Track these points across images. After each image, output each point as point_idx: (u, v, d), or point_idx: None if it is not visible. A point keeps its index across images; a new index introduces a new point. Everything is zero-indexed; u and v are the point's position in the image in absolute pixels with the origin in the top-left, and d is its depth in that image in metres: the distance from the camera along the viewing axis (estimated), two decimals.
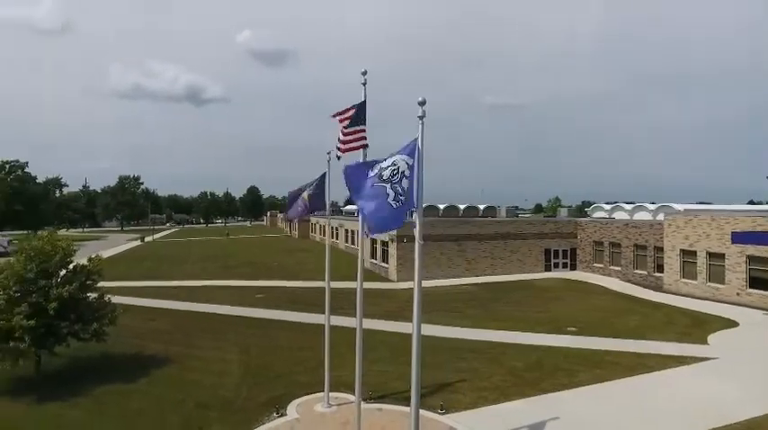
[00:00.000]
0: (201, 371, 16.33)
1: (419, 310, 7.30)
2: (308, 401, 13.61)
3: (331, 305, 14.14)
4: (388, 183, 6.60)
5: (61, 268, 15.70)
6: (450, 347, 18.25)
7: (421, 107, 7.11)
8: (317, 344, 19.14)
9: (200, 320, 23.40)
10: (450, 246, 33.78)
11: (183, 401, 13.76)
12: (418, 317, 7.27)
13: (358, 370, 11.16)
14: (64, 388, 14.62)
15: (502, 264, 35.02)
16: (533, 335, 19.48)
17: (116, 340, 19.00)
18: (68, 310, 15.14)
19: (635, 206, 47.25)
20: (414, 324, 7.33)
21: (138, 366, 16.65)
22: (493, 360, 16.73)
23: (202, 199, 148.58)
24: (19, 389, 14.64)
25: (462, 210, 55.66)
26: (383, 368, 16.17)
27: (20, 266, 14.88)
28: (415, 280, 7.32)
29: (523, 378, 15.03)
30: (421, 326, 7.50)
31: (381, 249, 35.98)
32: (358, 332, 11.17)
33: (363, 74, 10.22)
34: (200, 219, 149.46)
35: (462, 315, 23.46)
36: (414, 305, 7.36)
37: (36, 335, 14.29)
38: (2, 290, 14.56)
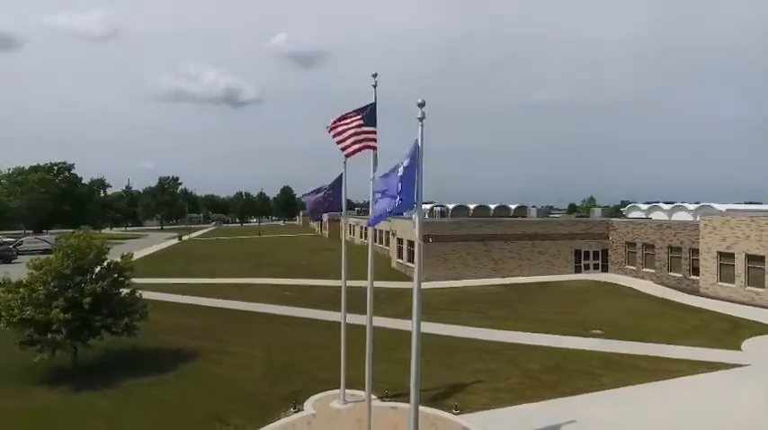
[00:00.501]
0: (226, 366, 16.88)
1: (419, 309, 7.39)
2: (325, 397, 13.87)
3: (353, 304, 14.35)
4: (386, 177, 6.77)
5: (96, 265, 16.53)
6: (470, 348, 18.19)
7: (420, 109, 7.21)
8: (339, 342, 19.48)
9: (229, 317, 24.14)
10: (476, 247, 33.52)
11: (207, 394, 14.29)
12: (417, 315, 7.36)
13: (368, 368, 11.32)
14: (97, 378, 15.39)
15: (529, 265, 34.48)
16: (556, 337, 19.17)
17: (148, 335, 19.86)
18: (102, 305, 15.94)
19: (674, 206, 45.62)
20: (413, 322, 7.43)
21: (167, 360, 17.33)
22: (511, 361, 16.58)
23: (238, 199, 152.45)
24: (57, 378, 15.50)
25: (493, 210, 55.10)
26: (401, 367, 16.25)
27: (58, 263, 15.77)
28: (415, 279, 7.43)
29: (541, 380, 14.85)
30: (420, 324, 7.55)
31: (407, 249, 36.06)
32: (368, 330, 11.35)
33: (374, 76, 10.39)
34: (236, 218, 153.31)
35: (485, 315, 23.30)
36: (413, 304, 7.47)
37: (72, 328, 15.13)
38: (42, 285, 15.46)
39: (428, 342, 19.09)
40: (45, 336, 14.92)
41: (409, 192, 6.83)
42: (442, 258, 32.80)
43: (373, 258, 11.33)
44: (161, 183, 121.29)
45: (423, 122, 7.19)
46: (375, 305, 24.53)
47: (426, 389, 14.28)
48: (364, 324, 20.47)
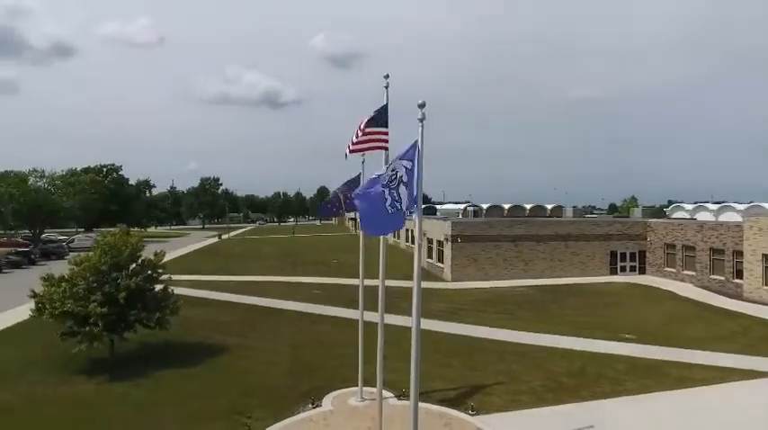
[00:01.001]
0: (253, 361, 17.41)
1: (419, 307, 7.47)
2: (344, 394, 14.10)
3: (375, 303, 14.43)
4: (386, 187, 6.84)
5: (131, 262, 17.40)
6: (493, 349, 18.04)
7: (420, 110, 7.30)
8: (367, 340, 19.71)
9: (259, 313, 24.84)
10: (506, 247, 33.08)
11: (231, 387, 14.80)
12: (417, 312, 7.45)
13: (379, 366, 11.46)
14: (131, 370, 16.22)
15: (562, 266, 33.71)
16: (583, 341, 18.73)
17: (182, 329, 20.71)
18: (136, 300, 16.78)
19: (721, 206, 43.41)
20: (413, 318, 7.52)
21: (197, 354, 18.04)
22: (535, 364, 16.34)
23: (276, 199, 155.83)
24: (95, 369, 16.41)
25: (528, 210, 54.14)
26: (424, 367, 16.14)
27: (96, 259, 16.72)
28: (414, 278, 7.52)
29: (563, 384, 14.58)
30: (420, 323, 7.64)
31: (437, 249, 35.99)
32: (380, 328, 11.50)
33: (386, 77, 10.52)
34: (274, 218, 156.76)
35: (512, 317, 23.01)
36: (413, 302, 7.56)
37: (108, 322, 16.00)
38: (82, 280, 16.43)
39: (451, 342, 19.17)
40: (83, 329, 15.84)
41: (410, 198, 6.93)
42: (472, 258, 32.56)
43: (385, 256, 11.45)
44: (203, 184, 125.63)
45: (423, 123, 7.26)
46: (397, 305, 24.92)
47: (445, 389, 14.36)
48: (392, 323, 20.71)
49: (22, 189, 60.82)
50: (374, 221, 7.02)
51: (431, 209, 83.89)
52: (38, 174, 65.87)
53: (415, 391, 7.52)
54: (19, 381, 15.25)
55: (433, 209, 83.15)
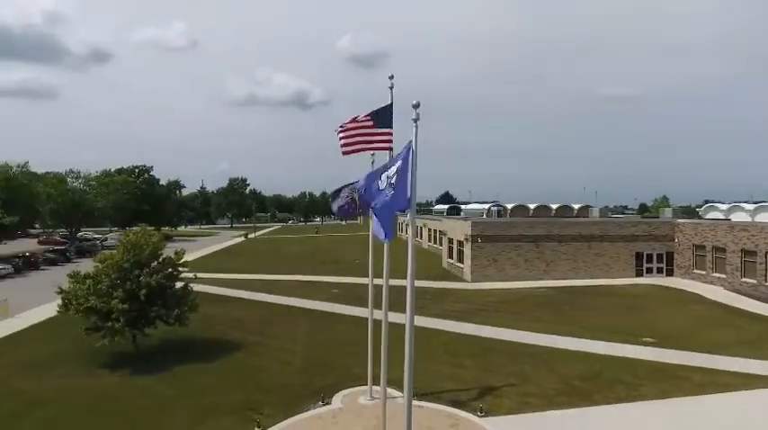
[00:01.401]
0: (267, 358, 17.75)
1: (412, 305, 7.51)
2: (354, 393, 14.23)
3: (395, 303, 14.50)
4: (390, 188, 6.98)
5: (152, 260, 17.95)
6: (509, 350, 17.86)
7: (415, 110, 7.34)
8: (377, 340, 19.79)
9: (278, 311, 25.25)
10: (527, 247, 32.60)
11: (246, 383, 15.13)
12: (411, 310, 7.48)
13: (383, 366, 11.52)
14: (153, 364, 16.74)
15: (585, 268, 33.00)
16: (601, 344, 18.34)
17: (202, 326, 21.27)
18: (156, 297, 17.33)
19: (757, 206, 41.69)
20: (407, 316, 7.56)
21: (216, 350, 18.49)
22: (549, 366, 16.11)
23: (302, 198, 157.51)
24: (118, 362, 17.04)
25: (555, 210, 53.23)
26: (437, 367, 16.34)
27: (119, 257, 17.34)
28: (408, 276, 7.56)
29: (576, 387, 14.34)
30: (413, 321, 7.67)
31: (458, 249, 35.77)
32: (384, 328, 11.56)
33: (390, 78, 10.59)
34: (300, 217, 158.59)
35: (531, 318, 22.69)
36: (406, 301, 7.60)
37: (129, 317, 16.59)
38: (105, 277, 17.08)
39: (466, 343, 19.07)
40: (106, 324, 16.47)
41: (403, 194, 6.99)
42: (492, 259, 32.23)
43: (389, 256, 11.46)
44: (231, 184, 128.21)
45: (417, 124, 7.31)
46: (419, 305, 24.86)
47: (456, 389, 14.32)
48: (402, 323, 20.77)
49: (60, 189, 63.34)
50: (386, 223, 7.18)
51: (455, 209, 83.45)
52: (74, 175, 68.51)
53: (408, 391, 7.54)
54: (49, 374, 15.97)
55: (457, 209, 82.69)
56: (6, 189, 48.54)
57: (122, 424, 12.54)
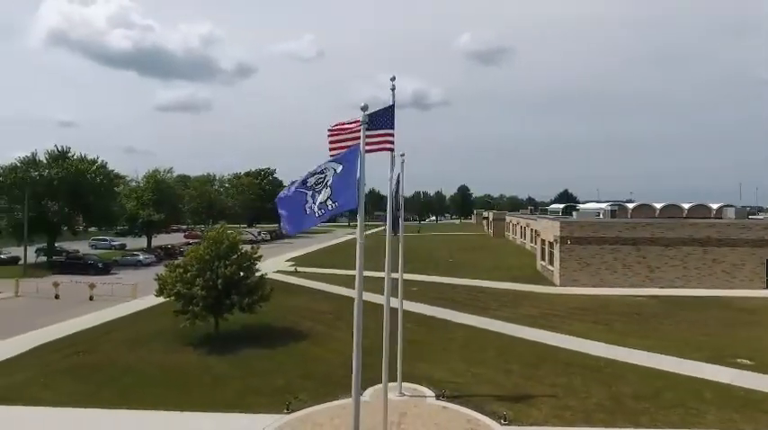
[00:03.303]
0: (325, 349, 18.82)
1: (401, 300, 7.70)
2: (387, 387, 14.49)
3: (478, 304, 14.72)
4: (310, 190, 7.26)
5: (230, 254, 20.09)
6: (565, 360, 16.69)
7: (362, 112, 7.52)
8: (435, 338, 19.84)
9: (351, 305, 26.34)
10: (627, 251, 29.55)
11: (295, 369, 16.32)
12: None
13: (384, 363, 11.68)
14: (226, 347, 18.76)
15: (699, 276, 28.88)
16: (680, 361, 16.21)
17: (281, 315, 23.25)
18: (231, 286, 19.42)
19: None
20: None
21: (283, 337, 20.07)
22: (603, 381, 14.75)
23: (416, 198, 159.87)
24: (202, 343, 19.38)
25: (687, 210, 47.21)
26: (480, 370, 15.98)
27: (202, 250, 19.77)
28: (356, 281, 7.75)
29: (625, 406, 12.97)
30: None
31: (548, 251, 33.74)
32: (385, 324, 11.71)
33: (392, 79, 10.75)
34: (415, 216, 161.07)
35: (608, 328, 20.77)
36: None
37: (207, 304, 18.85)
38: (191, 267, 19.59)
39: (522, 348, 18.20)
40: (189, 308, 18.91)
41: (343, 194, 7.22)
42: (584, 262, 29.85)
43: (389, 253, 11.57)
44: None
45: (363, 127, 7.48)
46: (487, 306, 24.08)
47: (490, 394, 13.91)
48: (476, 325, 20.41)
49: (200, 191, 72.94)
50: (293, 221, 7.48)
51: (570, 208, 77.85)
52: (211, 178, 78.32)
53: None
54: (145, 348, 18.85)
55: (571, 208, 77.07)
56: (156, 191, 57.29)
57: (181, 393, 14.41)
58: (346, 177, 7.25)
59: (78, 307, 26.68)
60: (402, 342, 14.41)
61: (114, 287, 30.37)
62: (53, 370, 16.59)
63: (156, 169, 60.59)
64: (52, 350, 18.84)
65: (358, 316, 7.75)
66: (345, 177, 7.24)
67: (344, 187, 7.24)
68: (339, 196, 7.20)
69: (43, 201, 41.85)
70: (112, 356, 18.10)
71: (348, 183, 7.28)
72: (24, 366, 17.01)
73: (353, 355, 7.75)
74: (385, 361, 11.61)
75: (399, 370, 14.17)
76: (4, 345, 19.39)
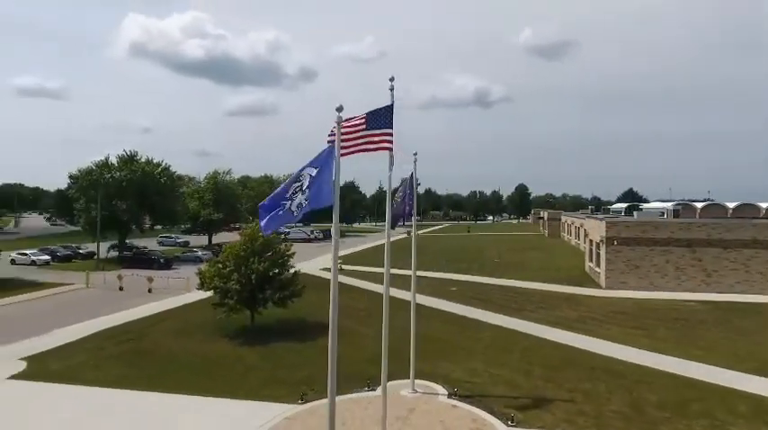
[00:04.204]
0: (350, 345, 19.15)
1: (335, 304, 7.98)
2: (401, 384, 14.72)
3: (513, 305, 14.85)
4: (288, 200, 7.65)
5: (265, 251, 21.03)
6: (590, 365, 16.11)
7: (338, 113, 7.82)
8: (461, 338, 19.74)
9: None
10: (680, 253, 27.69)
11: (318, 363, 16.80)
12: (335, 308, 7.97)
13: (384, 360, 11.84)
14: (259, 339, 19.70)
15: (763, 281, 26.51)
16: (718, 371, 15.19)
17: (317, 311, 23.92)
18: (265, 282, 20.38)
19: None
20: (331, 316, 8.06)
21: (314, 332, 20.69)
22: (628, 388, 14.12)
23: (472, 197, 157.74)
24: (238, 334, 20.47)
25: (765, 210, 43.68)
26: (499, 371, 15.80)
27: (238, 247, 20.88)
28: (332, 279, 8.03)
29: (646, 414, 12.39)
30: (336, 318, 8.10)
31: (595, 252, 32.30)
32: (384, 325, 11.91)
33: (391, 80, 10.95)
34: (471, 215, 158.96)
35: (648, 334, 19.73)
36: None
37: (241, 297, 19.91)
38: (228, 262, 20.75)
39: (549, 351, 17.76)
40: (224, 301, 20.06)
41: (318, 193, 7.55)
42: (632, 264, 28.33)
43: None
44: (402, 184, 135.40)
45: (339, 125, 7.78)
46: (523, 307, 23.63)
47: (504, 396, 13.78)
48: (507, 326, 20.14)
49: (257, 191, 76.17)
50: (270, 224, 7.88)
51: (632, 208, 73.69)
52: (269, 179, 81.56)
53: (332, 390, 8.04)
54: (185, 337, 20.19)
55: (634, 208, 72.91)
56: (215, 191, 60.60)
57: (210, 380, 15.35)
58: (321, 176, 7.58)
59: (138, 298, 28.91)
60: (415, 340, 14.54)
61: (170, 281, 32.55)
62: (105, 354, 18.22)
63: (215, 171, 64.04)
64: (107, 337, 20.64)
65: (333, 312, 8.08)
66: (321, 176, 7.57)
67: (319, 186, 7.58)
68: (313, 194, 7.54)
69: (113, 201, 45.52)
70: (158, 344, 19.55)
71: (323, 182, 7.61)
72: (81, 350, 18.78)
73: (329, 355, 8.09)
74: (384, 359, 11.82)
75: (412, 367, 14.34)
76: (68, 331, 21.47)
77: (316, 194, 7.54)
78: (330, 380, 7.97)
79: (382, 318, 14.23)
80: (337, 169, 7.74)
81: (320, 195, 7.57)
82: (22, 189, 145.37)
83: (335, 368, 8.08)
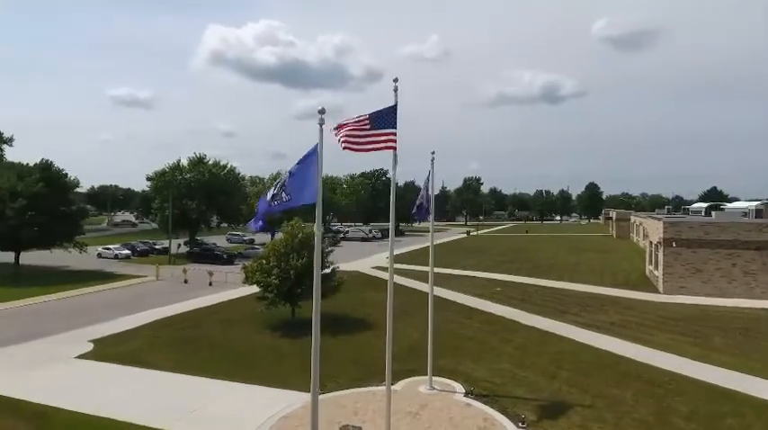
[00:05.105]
0: (382, 340, 19.58)
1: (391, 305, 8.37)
2: (418, 381, 14.93)
3: (559, 308, 14.94)
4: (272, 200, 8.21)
5: (303, 248, 21.96)
6: (624, 371, 15.43)
7: (320, 115, 8.23)
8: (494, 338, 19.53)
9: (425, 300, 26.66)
10: (748, 257, 25.36)
11: (348, 356, 17.44)
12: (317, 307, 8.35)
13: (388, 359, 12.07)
14: (297, 332, 20.53)
15: None
16: (760, 384, 13.89)
17: (358, 307, 24.73)
18: (302, 277, 21.29)
19: None
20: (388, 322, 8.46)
21: (352, 327, 21.36)
22: (658, 396, 13.39)
23: (538, 197, 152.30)
24: (279, 327, 21.53)
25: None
26: (524, 373, 15.54)
27: (279, 244, 21.99)
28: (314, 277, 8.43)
29: (670, 425, 11.76)
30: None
31: (654, 254, 30.32)
32: (388, 324, 12.11)
33: (395, 81, 11.20)
34: (535, 216, 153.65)
35: (698, 342, 18.45)
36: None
37: (280, 292, 20.96)
38: (270, 258, 21.90)
39: (582, 356, 17.22)
40: (265, 294, 21.22)
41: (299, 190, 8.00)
42: (694, 268, 26.32)
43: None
44: (465, 183, 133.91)
45: (322, 127, 8.19)
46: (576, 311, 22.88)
47: (522, 397, 13.65)
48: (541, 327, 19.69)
49: None
50: (256, 220, 8.45)
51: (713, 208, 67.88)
52: (331, 179, 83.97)
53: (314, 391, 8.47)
54: (232, 328, 21.56)
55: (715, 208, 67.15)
56: None
57: (245, 368, 16.31)
58: (303, 174, 8.03)
59: (199, 290, 31.15)
60: (433, 337, 14.69)
61: (229, 275, 34.67)
62: (160, 341, 19.93)
63: (278, 171, 67.01)
64: (164, 324, 22.52)
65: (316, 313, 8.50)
66: (302, 174, 8.03)
67: (301, 184, 8.04)
68: (293, 191, 8.01)
69: (184, 201, 49.09)
70: (207, 333, 21.06)
71: (305, 181, 8.06)
72: (140, 336, 20.67)
73: (312, 354, 8.55)
74: (389, 357, 12.06)
75: (430, 364, 14.48)
76: (133, 318, 23.65)
77: (298, 191, 8.01)
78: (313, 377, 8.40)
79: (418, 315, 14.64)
80: (320, 169, 8.16)
81: (302, 192, 8.03)
82: (115, 190, 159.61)
83: (318, 367, 8.52)
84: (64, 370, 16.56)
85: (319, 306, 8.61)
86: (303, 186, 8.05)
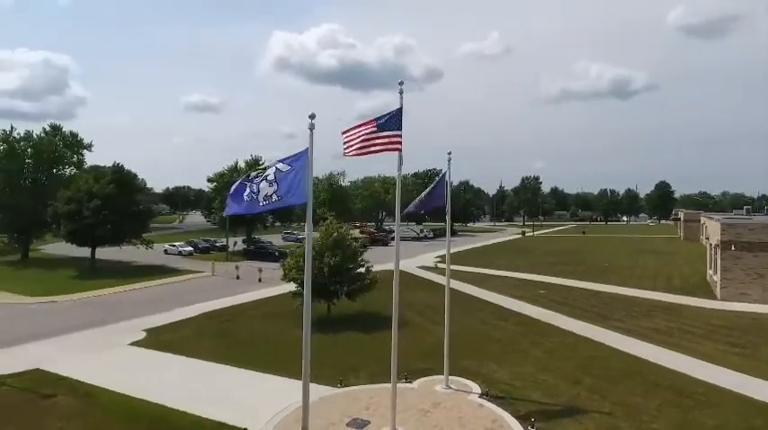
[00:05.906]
0: (411, 339, 19.86)
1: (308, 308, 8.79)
2: (435, 380, 15.05)
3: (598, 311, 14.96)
4: (249, 182, 8.72)
5: (337, 248, 22.61)
6: (654, 380, 14.77)
7: (311, 120, 8.67)
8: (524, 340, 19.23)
9: (463, 301, 26.50)
10: None
11: (374, 352, 17.78)
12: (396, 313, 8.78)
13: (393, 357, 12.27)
14: (331, 327, 21.24)
15: None
16: None
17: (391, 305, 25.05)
18: (336, 275, 22.00)
19: None
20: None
21: (382, 325, 21.41)
22: (686, 406, 12.74)
23: (602, 197, 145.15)
24: (313, 323, 21.85)
25: None
26: (545, 377, 15.26)
27: (314, 242, 22.79)
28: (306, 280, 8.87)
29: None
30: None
31: (714, 258, 28.24)
32: (393, 323, 12.30)
33: (400, 84, 11.46)
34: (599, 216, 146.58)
35: (746, 353, 17.24)
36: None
37: (314, 288, 21.72)
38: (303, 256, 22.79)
39: (613, 362, 16.51)
40: (300, 291, 22.08)
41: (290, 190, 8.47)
42: (756, 273, 24.31)
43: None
44: (523, 183, 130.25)
45: (312, 132, 8.62)
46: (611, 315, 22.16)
47: (537, 400, 13.54)
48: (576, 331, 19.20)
49: (371, 190, 79.86)
50: (231, 206, 9.03)
51: None
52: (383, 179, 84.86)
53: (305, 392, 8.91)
54: (270, 322, 22.59)
55: None
56: (329, 191, 65.24)
57: (275, 360, 17.07)
58: (294, 175, 8.51)
59: (248, 286, 32.83)
60: (449, 338, 14.78)
61: (278, 272, 36.21)
62: (203, 331, 21.35)
63: (330, 172, 68.78)
64: (210, 317, 24.05)
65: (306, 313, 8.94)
66: (293, 175, 8.51)
67: (292, 185, 8.52)
68: (284, 191, 8.51)
69: None
70: (245, 326, 22.28)
71: (297, 182, 8.54)
72: (187, 327, 22.23)
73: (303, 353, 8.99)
74: (394, 356, 12.29)
75: (446, 364, 14.58)
76: (185, 310, 25.43)
77: (289, 192, 8.50)
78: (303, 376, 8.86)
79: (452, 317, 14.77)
80: (310, 171, 8.60)
81: (293, 192, 8.50)
82: (188, 191, 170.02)
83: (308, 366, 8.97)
84: (116, 355, 18.24)
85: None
86: (295, 188, 8.53)
